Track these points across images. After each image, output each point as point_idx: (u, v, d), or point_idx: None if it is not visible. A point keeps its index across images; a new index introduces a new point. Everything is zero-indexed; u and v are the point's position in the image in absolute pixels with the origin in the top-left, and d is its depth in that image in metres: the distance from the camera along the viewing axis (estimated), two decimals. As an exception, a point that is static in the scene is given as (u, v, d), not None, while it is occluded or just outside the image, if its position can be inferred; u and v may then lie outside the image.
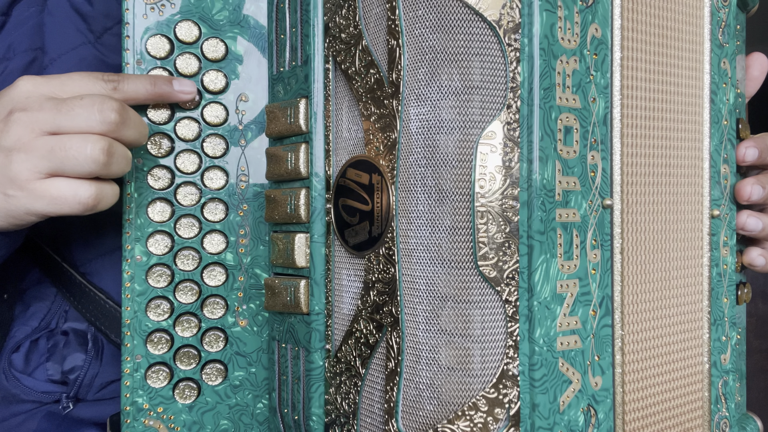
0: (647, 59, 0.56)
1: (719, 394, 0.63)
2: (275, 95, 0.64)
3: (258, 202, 0.65)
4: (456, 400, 0.49)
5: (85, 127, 0.54)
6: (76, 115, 0.54)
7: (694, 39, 0.61)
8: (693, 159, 0.61)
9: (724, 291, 0.63)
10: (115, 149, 0.55)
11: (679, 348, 0.60)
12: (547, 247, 0.49)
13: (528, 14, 0.48)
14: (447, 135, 0.49)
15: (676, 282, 0.59)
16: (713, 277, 0.62)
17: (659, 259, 0.58)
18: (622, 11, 0.54)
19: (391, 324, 0.51)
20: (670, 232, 0.59)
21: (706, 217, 0.61)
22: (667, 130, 0.58)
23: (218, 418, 0.65)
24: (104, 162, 0.54)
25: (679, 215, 0.59)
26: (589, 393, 0.52)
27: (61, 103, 0.54)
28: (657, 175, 0.57)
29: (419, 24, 0.50)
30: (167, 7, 0.63)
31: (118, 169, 0.56)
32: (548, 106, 0.49)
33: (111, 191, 0.57)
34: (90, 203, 0.55)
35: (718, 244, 0.62)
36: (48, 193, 0.54)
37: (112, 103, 0.54)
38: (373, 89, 0.53)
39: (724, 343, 0.63)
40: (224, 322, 0.65)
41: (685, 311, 0.60)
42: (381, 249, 0.52)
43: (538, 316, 0.49)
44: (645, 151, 0.56)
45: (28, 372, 0.75)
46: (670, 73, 0.58)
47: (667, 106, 0.58)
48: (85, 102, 0.54)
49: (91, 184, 0.55)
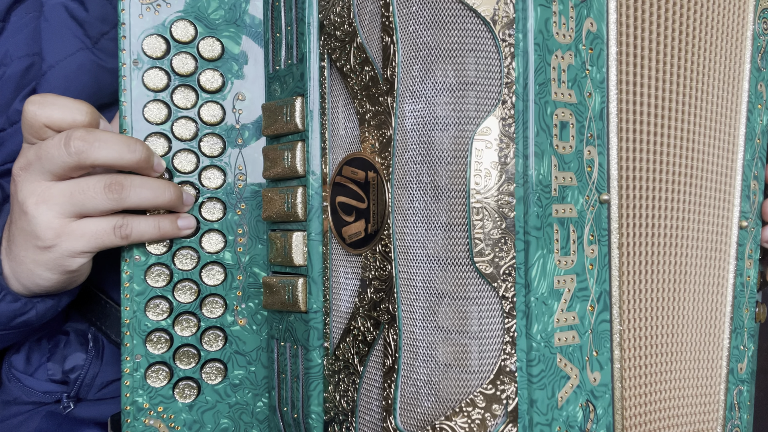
0: (647, 56, 0.56)
1: (734, 402, 0.63)
2: (272, 94, 0.64)
3: (256, 201, 0.65)
4: (454, 396, 0.49)
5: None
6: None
7: (732, 56, 0.63)
8: (723, 167, 0.62)
9: (745, 302, 0.64)
10: (130, 181, 0.59)
11: (693, 348, 0.60)
12: (543, 243, 0.49)
13: (522, 9, 0.48)
14: (442, 131, 0.49)
15: (693, 283, 0.60)
16: (737, 285, 0.62)
17: (669, 255, 0.58)
18: (617, 6, 0.53)
19: (388, 321, 0.51)
20: (686, 231, 0.59)
21: (735, 225, 0.62)
22: (680, 130, 0.58)
23: (218, 416, 0.65)
24: None
25: (700, 216, 0.60)
26: (587, 388, 0.52)
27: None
28: (663, 172, 0.57)
29: (413, 21, 0.50)
30: (163, 7, 0.64)
31: (136, 198, 0.59)
32: (543, 102, 0.49)
33: (137, 222, 0.61)
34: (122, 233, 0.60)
35: (744, 255, 0.63)
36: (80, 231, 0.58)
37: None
38: (368, 86, 0.53)
39: (742, 352, 0.64)
40: (223, 321, 0.65)
41: (704, 314, 0.61)
42: (377, 246, 0.52)
43: (535, 312, 0.49)
44: (645, 146, 0.56)
45: (29, 372, 0.75)
46: (682, 75, 0.58)
47: (676, 106, 0.58)
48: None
49: None
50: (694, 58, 0.59)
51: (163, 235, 0.61)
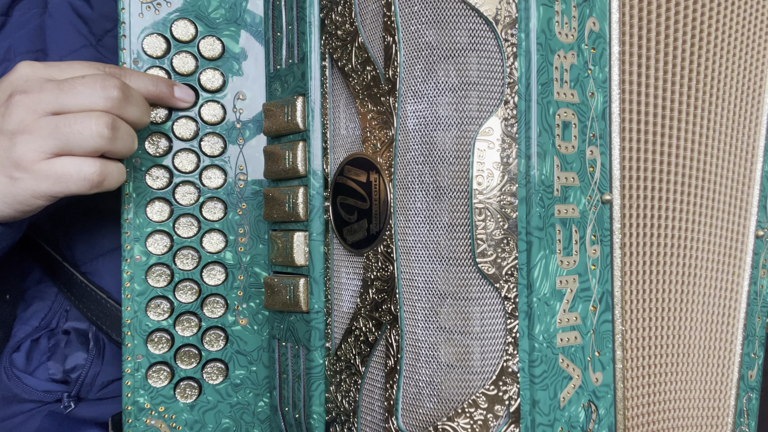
0: (654, 56, 0.55)
1: (743, 409, 0.63)
2: (272, 93, 0.64)
3: (257, 201, 0.65)
4: (456, 397, 0.49)
5: (88, 104, 0.54)
6: (79, 93, 0.53)
7: (754, 65, 0.62)
8: (740, 176, 0.62)
9: (758, 310, 0.64)
10: (120, 125, 0.55)
11: (702, 352, 0.60)
12: (546, 243, 0.49)
13: (525, 9, 0.48)
14: (444, 132, 0.49)
15: (702, 286, 0.60)
16: (751, 294, 0.63)
17: (676, 257, 0.58)
18: (620, 5, 0.53)
19: (390, 322, 0.51)
20: (695, 233, 0.59)
21: (752, 234, 0.62)
22: (691, 133, 0.58)
23: (219, 416, 0.65)
24: (109, 137, 0.53)
25: (712, 221, 0.60)
26: (589, 389, 0.52)
27: (62, 82, 0.54)
28: (671, 173, 0.57)
29: (415, 20, 0.49)
30: (163, 6, 0.63)
31: (123, 146, 0.56)
32: (546, 102, 0.48)
33: (116, 169, 0.56)
34: (95, 179, 0.54)
35: (759, 264, 0.63)
36: (53, 172, 0.54)
37: (114, 80, 0.54)
38: (369, 86, 0.53)
39: (753, 360, 0.64)
40: (224, 321, 0.65)
41: (714, 318, 0.61)
42: (379, 247, 0.52)
43: (537, 312, 0.49)
44: (651, 147, 0.56)
45: (29, 371, 0.75)
46: (694, 78, 0.58)
47: (687, 108, 0.58)
48: (87, 80, 0.54)
49: (96, 161, 0.55)
50: (708, 63, 0.58)
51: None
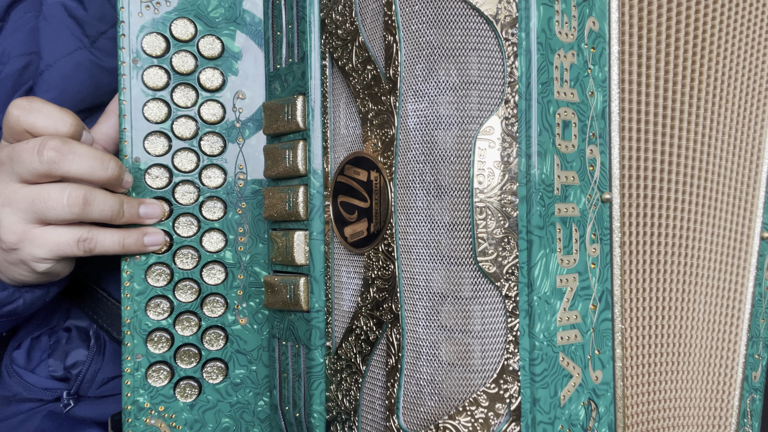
0: (654, 56, 0.55)
1: (747, 409, 0.63)
2: (272, 92, 0.64)
3: (256, 200, 0.65)
4: (457, 395, 0.49)
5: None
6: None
7: (758, 67, 0.62)
8: (745, 177, 0.62)
9: (762, 311, 0.65)
10: (94, 197, 0.57)
11: (704, 351, 0.60)
12: (546, 242, 0.49)
13: (525, 8, 0.48)
14: (445, 131, 0.49)
15: (705, 285, 0.60)
16: (756, 295, 0.63)
17: (677, 256, 0.58)
18: (619, 5, 0.53)
19: (391, 321, 0.51)
20: (698, 233, 0.59)
21: (757, 236, 0.62)
22: (692, 133, 0.58)
23: (219, 416, 0.65)
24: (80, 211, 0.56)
25: (715, 221, 0.60)
26: (589, 387, 0.52)
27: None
28: (672, 173, 0.57)
29: (416, 19, 0.50)
30: (162, 5, 0.63)
31: (98, 214, 0.57)
32: (546, 101, 0.49)
33: (103, 236, 0.59)
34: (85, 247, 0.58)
35: (764, 265, 0.64)
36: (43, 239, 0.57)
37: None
38: (370, 85, 0.53)
39: (757, 361, 0.64)
40: (224, 320, 0.65)
41: (718, 317, 0.61)
42: (380, 246, 0.52)
43: (538, 310, 0.49)
44: (651, 146, 0.56)
45: (30, 368, 0.75)
46: (696, 79, 0.58)
47: (689, 108, 0.58)
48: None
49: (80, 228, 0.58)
50: (711, 63, 0.58)
51: (126, 251, 0.61)
